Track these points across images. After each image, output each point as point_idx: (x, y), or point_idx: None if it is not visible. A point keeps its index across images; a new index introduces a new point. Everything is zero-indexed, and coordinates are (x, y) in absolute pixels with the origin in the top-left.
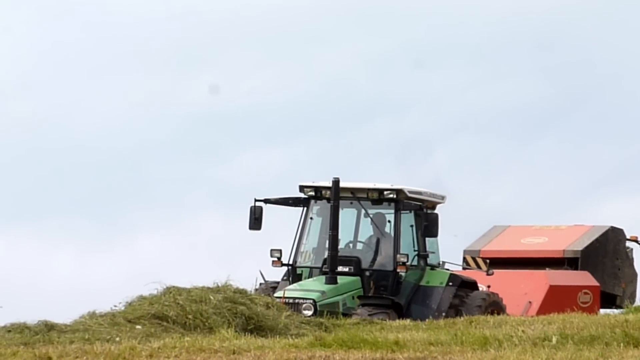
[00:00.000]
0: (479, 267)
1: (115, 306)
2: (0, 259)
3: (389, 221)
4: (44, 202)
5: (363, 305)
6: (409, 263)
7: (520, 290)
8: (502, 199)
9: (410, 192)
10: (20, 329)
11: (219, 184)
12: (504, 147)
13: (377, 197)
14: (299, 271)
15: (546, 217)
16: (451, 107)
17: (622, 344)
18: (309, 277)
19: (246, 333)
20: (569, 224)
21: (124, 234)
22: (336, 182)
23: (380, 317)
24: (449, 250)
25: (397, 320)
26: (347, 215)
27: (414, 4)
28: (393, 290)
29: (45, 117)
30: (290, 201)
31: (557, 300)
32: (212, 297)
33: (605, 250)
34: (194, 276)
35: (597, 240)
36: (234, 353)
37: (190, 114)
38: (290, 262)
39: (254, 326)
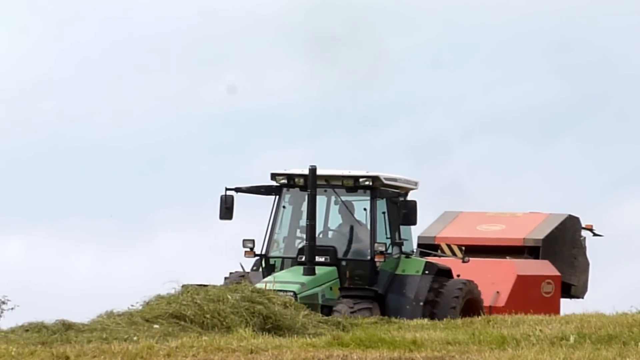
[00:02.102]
0: (454, 254)
1: (132, 305)
2: (21, 258)
3: (365, 209)
4: (64, 202)
5: (344, 297)
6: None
7: (488, 279)
8: (520, 199)
9: (386, 179)
10: (38, 328)
11: (239, 183)
12: (523, 148)
13: (352, 184)
14: (272, 261)
15: None
16: (470, 107)
17: (639, 343)
18: (281, 268)
19: (264, 332)
20: (525, 211)
21: (144, 234)
22: (313, 170)
23: (363, 313)
24: None
25: (415, 320)
26: (317, 203)
27: (432, 3)
28: (370, 280)
29: (65, 117)
30: (262, 190)
31: (523, 290)
32: (229, 297)
33: (564, 239)
34: (213, 276)
35: (556, 228)
36: (251, 352)
37: (211, 114)
38: (263, 253)
39: (272, 325)
